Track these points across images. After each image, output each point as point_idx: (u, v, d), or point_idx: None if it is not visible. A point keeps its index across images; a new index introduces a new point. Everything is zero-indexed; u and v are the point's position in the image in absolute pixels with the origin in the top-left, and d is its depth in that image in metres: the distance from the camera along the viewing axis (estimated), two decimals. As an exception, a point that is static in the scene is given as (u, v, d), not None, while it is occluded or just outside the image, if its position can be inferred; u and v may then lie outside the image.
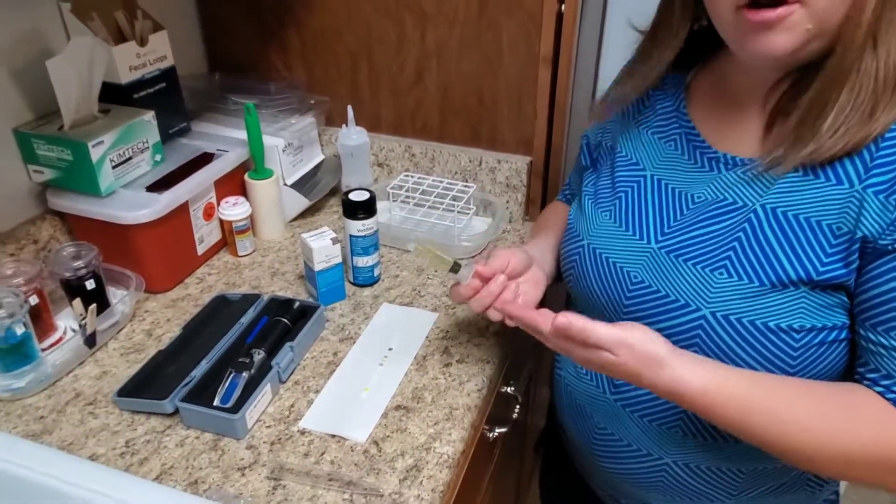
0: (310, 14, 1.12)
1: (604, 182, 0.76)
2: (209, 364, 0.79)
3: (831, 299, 0.58)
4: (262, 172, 1.06)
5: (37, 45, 0.91)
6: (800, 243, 0.58)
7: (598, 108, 0.79)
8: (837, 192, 0.57)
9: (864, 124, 0.55)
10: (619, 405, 0.71)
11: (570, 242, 0.76)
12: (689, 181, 0.67)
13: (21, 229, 0.91)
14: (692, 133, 0.69)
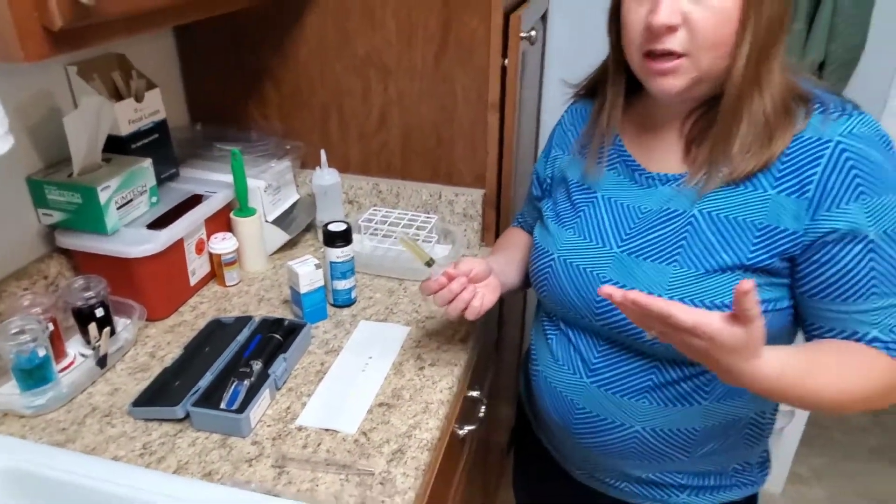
0: (285, 71, 1.27)
1: (563, 206, 0.90)
2: (213, 376, 0.90)
3: (761, 279, 0.73)
4: (246, 211, 1.18)
5: (47, 104, 1.02)
6: (731, 237, 0.73)
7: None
8: (756, 196, 0.72)
9: (766, 149, 0.71)
10: (595, 386, 0.84)
11: (541, 258, 0.89)
12: (635, 197, 0.82)
13: (32, 267, 1.01)
14: (629, 159, 0.84)
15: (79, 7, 0.62)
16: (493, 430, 1.52)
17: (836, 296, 0.71)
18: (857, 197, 0.67)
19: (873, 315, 0.70)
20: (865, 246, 0.68)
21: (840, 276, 0.70)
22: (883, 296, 0.69)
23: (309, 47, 1.23)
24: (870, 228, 0.68)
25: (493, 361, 1.36)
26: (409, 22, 1.15)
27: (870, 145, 0.68)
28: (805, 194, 0.69)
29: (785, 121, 0.71)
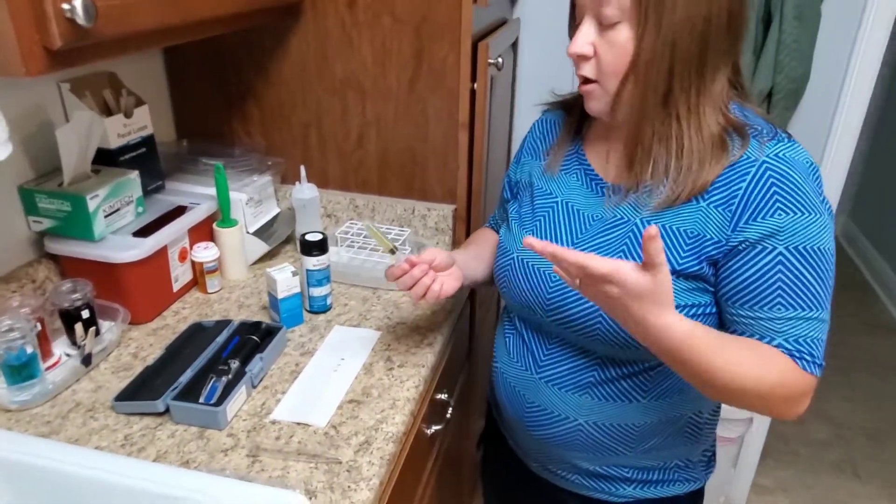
0: (268, 90, 1.35)
1: (525, 209, 0.97)
2: (193, 373, 0.96)
3: (691, 284, 0.80)
4: (228, 222, 1.25)
5: (39, 117, 1.09)
6: (666, 245, 0.80)
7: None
8: (689, 208, 0.79)
9: (700, 175, 0.78)
10: (543, 381, 0.91)
11: (502, 257, 0.97)
12: (589, 204, 0.89)
13: (21, 271, 1.06)
14: (588, 169, 0.92)
15: (77, 29, 0.69)
16: (466, 440, 1.57)
17: (744, 301, 0.77)
18: (773, 212, 0.74)
19: (779, 323, 0.76)
20: (775, 258, 0.75)
21: (749, 283, 0.76)
22: (788, 307, 0.75)
23: (291, 69, 1.31)
24: (780, 242, 0.75)
25: (465, 371, 1.42)
26: (383, 48, 1.24)
27: (792, 168, 0.75)
28: (730, 207, 0.77)
29: (717, 152, 0.78)
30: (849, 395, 2.63)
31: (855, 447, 2.35)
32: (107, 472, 0.79)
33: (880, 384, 2.70)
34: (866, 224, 3.74)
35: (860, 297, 3.40)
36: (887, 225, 3.46)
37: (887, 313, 3.26)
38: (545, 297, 0.88)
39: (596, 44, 0.78)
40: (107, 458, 0.82)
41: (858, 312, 3.24)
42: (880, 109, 3.58)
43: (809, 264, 0.75)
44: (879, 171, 3.60)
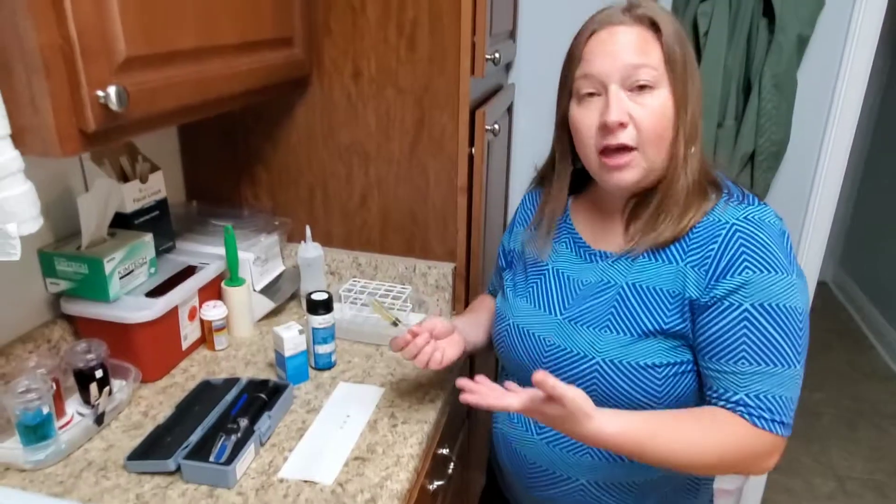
0: (276, 154, 1.41)
1: (519, 277, 1.03)
2: (203, 431, 0.99)
3: (676, 342, 0.85)
4: (236, 281, 1.29)
5: (61, 184, 1.14)
6: (652, 305, 0.85)
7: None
8: (669, 269, 0.85)
9: (682, 220, 0.85)
10: (544, 443, 0.94)
11: (499, 323, 1.02)
12: (578, 270, 0.95)
13: (37, 331, 1.10)
14: (577, 237, 0.97)
15: (109, 113, 0.75)
16: (467, 494, 1.58)
17: (713, 354, 0.82)
18: (741, 271, 0.80)
19: (743, 378, 0.80)
20: (741, 314, 0.79)
21: (717, 336, 0.81)
22: (752, 362, 0.79)
23: (298, 136, 1.38)
24: (745, 298, 0.79)
25: (466, 427, 1.44)
26: (387, 117, 1.31)
27: (760, 229, 0.81)
28: (704, 266, 0.82)
29: (699, 199, 0.85)
30: (851, 447, 2.63)
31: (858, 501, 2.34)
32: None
33: (880, 435, 2.71)
34: (856, 271, 3.80)
35: (853, 344, 3.43)
36: (877, 272, 3.52)
37: (881, 360, 3.28)
38: (541, 360, 0.93)
39: (631, 111, 0.81)
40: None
41: (853, 360, 3.27)
42: (864, 159, 3.70)
43: (775, 321, 0.79)
44: (867, 219, 3.68)
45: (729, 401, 0.81)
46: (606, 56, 0.82)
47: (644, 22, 0.82)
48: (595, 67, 0.83)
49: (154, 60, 0.83)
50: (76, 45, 0.70)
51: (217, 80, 0.96)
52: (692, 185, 0.85)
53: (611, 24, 0.83)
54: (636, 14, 0.83)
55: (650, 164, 0.84)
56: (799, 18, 1.42)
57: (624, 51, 0.81)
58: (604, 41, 0.83)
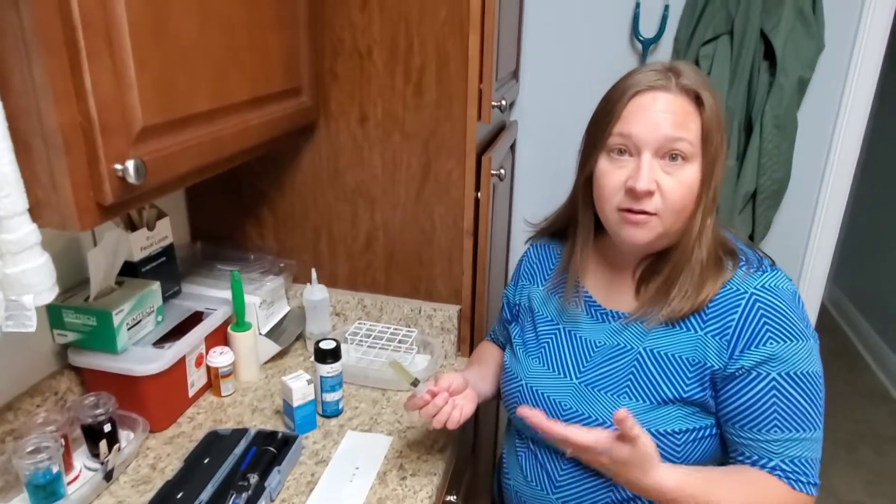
0: (281, 196, 1.42)
1: (529, 335, 1.02)
2: (213, 488, 0.98)
3: (694, 409, 0.86)
4: (242, 326, 1.29)
5: (67, 235, 1.14)
6: (671, 374, 0.86)
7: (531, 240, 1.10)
8: (688, 337, 0.86)
9: (699, 294, 0.85)
10: (559, 501, 0.94)
11: (510, 383, 1.01)
12: (590, 330, 0.95)
13: (44, 383, 1.10)
14: (587, 296, 0.97)
15: (126, 185, 0.75)
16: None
17: (743, 423, 0.83)
18: (766, 341, 0.81)
19: (775, 445, 0.82)
20: (769, 384, 0.81)
21: (747, 407, 0.83)
22: (784, 429, 0.81)
23: (304, 179, 1.38)
24: (773, 369, 0.81)
25: (470, 466, 1.44)
26: (393, 161, 1.32)
27: (779, 298, 0.82)
28: (725, 336, 0.83)
29: (716, 271, 0.86)
30: (851, 470, 2.64)
31: (855, 524, 2.35)
32: None
33: (880, 458, 2.72)
34: (851, 288, 3.83)
35: (851, 364, 3.45)
36: (871, 291, 3.55)
37: (878, 380, 3.30)
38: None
39: (660, 180, 0.81)
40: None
41: (851, 380, 3.29)
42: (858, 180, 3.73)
43: (801, 388, 0.81)
44: (862, 237, 3.72)
45: (765, 466, 0.83)
46: (646, 122, 0.81)
47: (689, 94, 0.82)
48: (633, 129, 0.82)
49: (170, 127, 0.83)
50: (96, 121, 0.71)
51: (230, 138, 0.97)
52: (707, 259, 0.85)
53: (654, 90, 0.82)
54: (682, 84, 0.82)
55: (666, 230, 0.84)
56: (800, 61, 1.44)
57: (664, 121, 0.80)
58: (646, 106, 0.81)
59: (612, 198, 0.85)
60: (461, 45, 1.21)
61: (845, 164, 1.56)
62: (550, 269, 1.04)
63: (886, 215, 3.42)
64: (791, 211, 1.64)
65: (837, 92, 1.52)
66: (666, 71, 0.83)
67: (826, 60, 1.50)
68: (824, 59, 1.50)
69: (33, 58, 0.65)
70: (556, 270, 1.03)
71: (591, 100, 0.90)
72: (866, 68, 1.47)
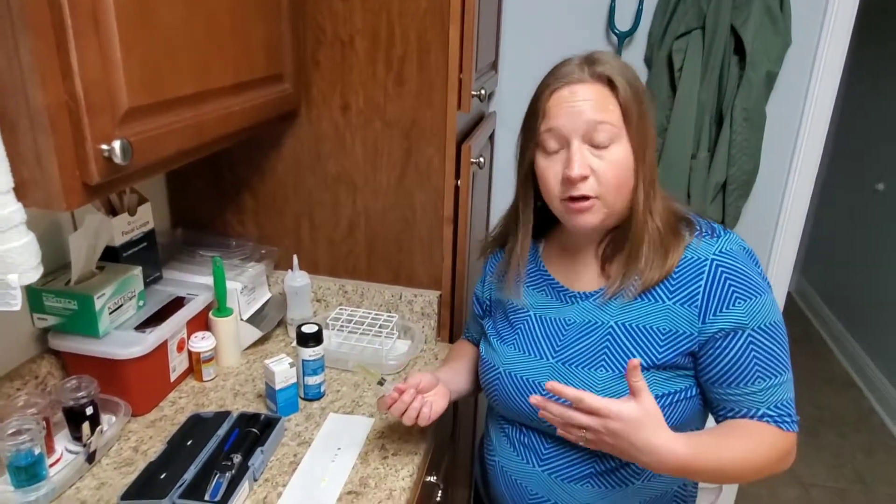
0: (262, 182, 1.42)
1: (502, 324, 1.06)
2: (196, 469, 0.99)
3: (669, 374, 0.90)
4: (224, 311, 1.30)
5: (47, 219, 1.14)
6: (643, 343, 0.90)
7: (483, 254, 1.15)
8: (657, 307, 0.90)
9: (665, 261, 0.90)
10: (546, 474, 0.97)
11: (489, 372, 1.03)
12: (560, 311, 0.99)
13: (24, 367, 1.09)
14: (553, 281, 1.01)
15: (112, 165, 0.76)
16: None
17: (729, 381, 0.88)
18: (734, 302, 0.86)
19: (760, 395, 0.87)
20: (746, 339, 0.87)
21: (730, 365, 0.88)
22: (765, 378, 0.87)
23: (285, 165, 1.39)
24: (747, 325, 0.86)
25: (450, 450, 1.47)
26: (375, 149, 1.33)
27: (737, 260, 0.88)
28: (694, 303, 0.88)
29: (675, 239, 0.91)
30: (814, 454, 2.73)
31: (818, 506, 2.44)
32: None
33: (841, 442, 2.82)
34: (817, 280, 3.94)
35: (814, 351, 3.56)
36: (837, 283, 3.66)
37: (840, 367, 3.41)
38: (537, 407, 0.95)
39: (592, 164, 0.87)
40: (118, 560, 0.85)
41: (814, 367, 3.40)
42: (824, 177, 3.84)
43: (773, 337, 0.88)
44: (827, 230, 3.83)
45: (755, 416, 0.88)
46: (569, 113, 0.87)
47: (602, 80, 0.88)
48: (558, 122, 0.88)
49: (155, 109, 0.84)
50: (82, 101, 0.71)
51: (212, 123, 0.97)
52: (663, 228, 0.91)
53: (571, 83, 0.88)
54: (594, 71, 0.88)
55: (610, 209, 0.89)
56: (768, 56, 1.49)
57: (585, 109, 0.86)
58: (566, 99, 0.88)
59: (555, 190, 0.90)
60: (442, 35, 1.23)
61: (811, 157, 1.62)
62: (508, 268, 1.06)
63: (852, 210, 3.53)
64: (759, 201, 1.69)
65: (803, 86, 1.58)
66: (581, 63, 0.89)
67: (793, 56, 1.55)
68: (791, 54, 1.55)
69: (20, 37, 0.66)
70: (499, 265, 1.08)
71: None
72: (831, 64, 1.53)
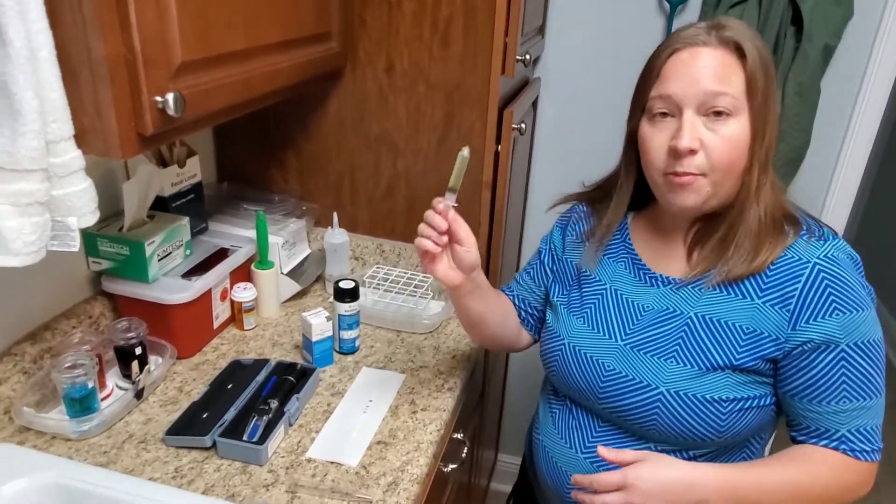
0: (307, 140, 1.45)
1: (573, 294, 0.99)
2: (236, 411, 1.05)
3: (746, 378, 0.84)
4: (265, 264, 1.34)
5: (102, 167, 1.19)
6: (722, 340, 0.84)
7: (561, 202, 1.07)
8: (744, 304, 0.83)
9: (756, 256, 0.82)
10: (588, 461, 0.94)
11: (552, 341, 0.98)
12: (637, 292, 0.92)
13: (79, 307, 1.16)
14: (636, 258, 0.95)
15: (166, 117, 0.79)
16: (475, 473, 1.66)
17: (812, 397, 0.83)
18: (831, 313, 0.80)
19: (844, 416, 0.82)
20: (837, 355, 0.80)
21: (816, 380, 0.82)
22: (853, 399, 0.81)
23: (329, 124, 1.41)
24: (841, 340, 0.80)
25: (479, 411, 1.51)
26: (417, 112, 1.34)
27: (842, 268, 0.81)
28: (787, 306, 0.81)
29: (775, 235, 0.83)
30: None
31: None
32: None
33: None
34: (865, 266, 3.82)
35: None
36: (884, 268, 3.55)
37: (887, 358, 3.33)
38: (598, 386, 0.92)
39: (703, 137, 0.79)
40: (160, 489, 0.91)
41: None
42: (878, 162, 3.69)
43: (868, 357, 0.81)
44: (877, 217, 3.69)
45: (832, 438, 0.83)
46: (685, 79, 0.79)
47: (729, 45, 0.79)
48: (672, 89, 0.80)
49: (206, 64, 0.86)
50: (139, 54, 0.74)
51: (261, 79, 1.00)
52: (765, 218, 0.83)
53: (694, 45, 0.80)
54: (722, 36, 0.80)
55: (715, 189, 0.82)
56: (827, 28, 1.43)
57: (704, 76, 0.78)
58: (684, 62, 0.80)
59: (658, 162, 0.83)
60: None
61: (864, 137, 1.56)
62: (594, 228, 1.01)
63: (907, 193, 3.39)
64: (807, 180, 1.64)
65: (863, 62, 1.51)
66: (708, 27, 0.81)
67: (853, 29, 1.49)
68: (852, 27, 1.48)
69: (82, -10, 0.69)
70: (593, 225, 1.00)
71: (614, 59, 0.90)
72: (893, 40, 1.46)
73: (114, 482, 0.91)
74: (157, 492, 0.90)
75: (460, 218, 0.89)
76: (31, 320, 1.09)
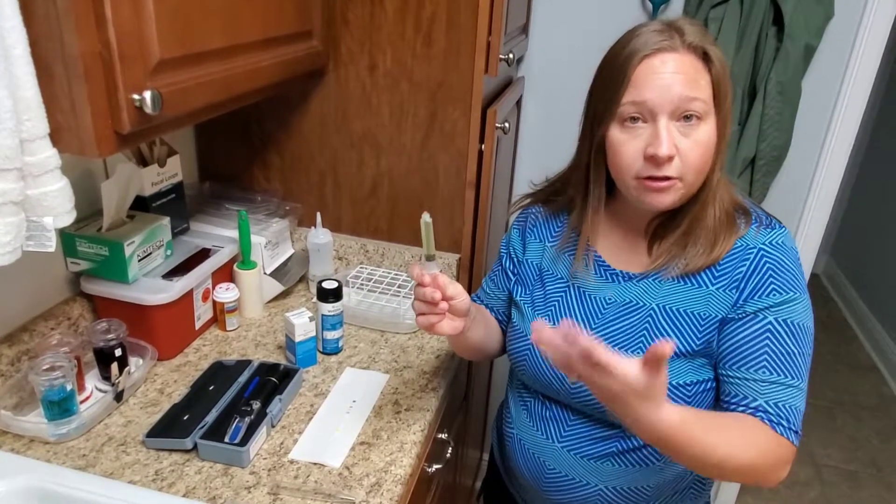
0: (289, 140, 1.44)
1: (537, 293, 1.01)
2: (217, 412, 1.04)
3: (702, 361, 0.88)
4: (248, 264, 1.33)
5: (81, 167, 1.17)
6: (683, 328, 0.87)
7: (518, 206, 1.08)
8: (700, 293, 0.88)
9: (714, 249, 0.86)
10: (565, 450, 0.96)
11: (518, 340, 1.00)
12: (599, 288, 0.95)
13: (58, 308, 1.14)
14: (598, 258, 0.96)
15: (143, 115, 0.78)
16: (460, 472, 1.65)
17: (734, 362, 0.86)
18: (769, 292, 0.84)
19: (762, 385, 0.84)
20: (764, 325, 0.84)
21: (740, 345, 0.85)
22: (772, 371, 0.83)
23: (311, 123, 1.40)
24: (771, 314, 0.84)
25: (463, 410, 1.51)
26: (401, 110, 1.34)
27: (785, 254, 0.86)
28: (732, 288, 0.86)
29: (729, 228, 0.87)
30: (829, 435, 2.73)
31: (833, 489, 2.44)
32: (143, 506, 0.87)
33: (858, 425, 2.81)
34: (846, 263, 3.87)
35: (839, 335, 3.52)
36: (866, 265, 3.59)
37: (864, 352, 3.37)
38: (566, 381, 0.93)
39: (678, 143, 0.81)
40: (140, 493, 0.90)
41: (837, 351, 3.36)
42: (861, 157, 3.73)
43: (794, 337, 0.84)
44: (861, 212, 3.74)
45: (749, 406, 0.84)
46: (659, 86, 0.80)
47: (697, 51, 0.81)
48: (646, 95, 0.80)
49: (185, 62, 0.85)
50: (115, 51, 0.73)
51: (242, 77, 0.99)
52: (720, 213, 0.87)
53: (662, 52, 0.80)
54: (688, 42, 0.81)
55: (688, 190, 0.85)
56: (808, 28, 1.45)
57: (677, 82, 0.79)
58: (656, 69, 0.80)
59: (632, 167, 0.84)
60: (472, -4, 1.22)
61: (845, 136, 1.58)
62: (557, 229, 1.03)
63: (888, 192, 3.44)
64: (788, 179, 1.66)
65: (843, 62, 1.53)
66: (668, 30, 0.82)
67: (834, 29, 1.51)
68: (832, 27, 1.50)
69: (57, -15, 0.67)
70: (564, 231, 1.01)
71: (598, 59, 0.89)
72: (874, 39, 1.48)
73: (93, 485, 0.90)
74: (137, 495, 0.89)
75: (444, 277, 0.88)
76: (9, 322, 1.07)
